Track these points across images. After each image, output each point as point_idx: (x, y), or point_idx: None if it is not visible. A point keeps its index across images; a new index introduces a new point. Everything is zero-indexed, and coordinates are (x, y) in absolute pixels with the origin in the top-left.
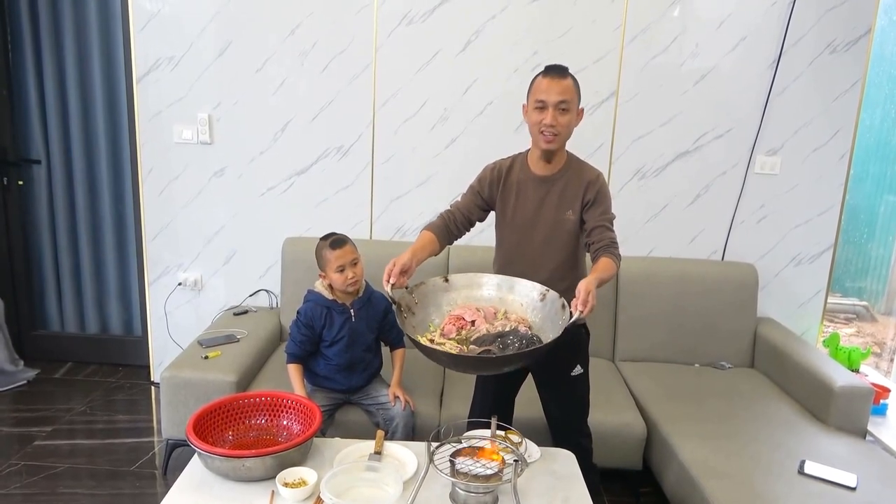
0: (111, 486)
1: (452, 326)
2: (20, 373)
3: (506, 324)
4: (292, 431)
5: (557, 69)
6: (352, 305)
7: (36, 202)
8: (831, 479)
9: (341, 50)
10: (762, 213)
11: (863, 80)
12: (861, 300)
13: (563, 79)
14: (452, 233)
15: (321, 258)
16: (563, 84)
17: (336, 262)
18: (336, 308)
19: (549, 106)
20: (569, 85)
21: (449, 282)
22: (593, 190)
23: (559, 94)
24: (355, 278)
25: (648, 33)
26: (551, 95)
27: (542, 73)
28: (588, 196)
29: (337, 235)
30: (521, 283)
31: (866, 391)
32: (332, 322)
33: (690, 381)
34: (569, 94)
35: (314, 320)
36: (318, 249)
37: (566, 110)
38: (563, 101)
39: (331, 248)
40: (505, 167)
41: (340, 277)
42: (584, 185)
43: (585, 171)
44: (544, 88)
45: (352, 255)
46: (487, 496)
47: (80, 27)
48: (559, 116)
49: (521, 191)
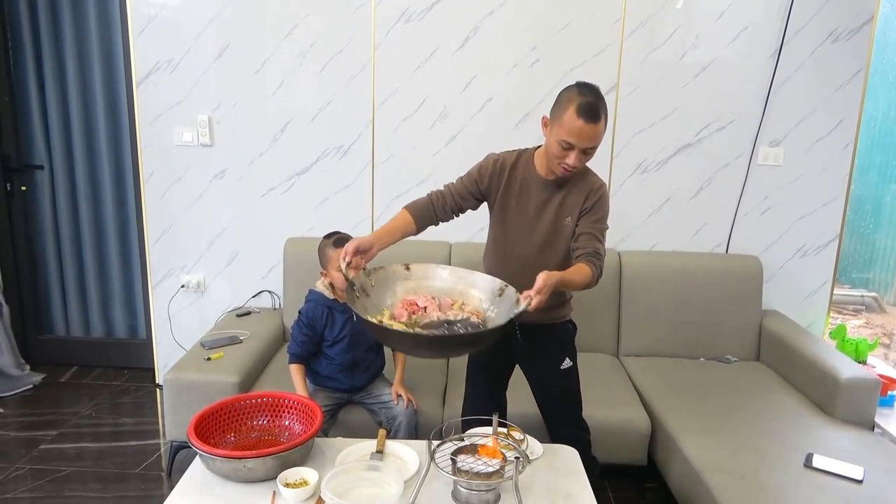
0: (117, 489)
1: (404, 310)
2: (26, 377)
3: (458, 314)
4: (294, 432)
5: (592, 111)
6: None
7: (39, 207)
8: (838, 472)
9: (339, 49)
10: (766, 204)
11: (866, 69)
12: (869, 291)
13: (597, 122)
14: (437, 216)
15: (323, 256)
16: (596, 129)
17: (337, 260)
18: (337, 308)
19: (577, 149)
20: (601, 129)
21: (409, 270)
22: (593, 198)
23: (590, 140)
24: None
25: (648, 26)
26: (582, 141)
27: (575, 107)
28: (587, 204)
29: (340, 234)
30: (481, 277)
31: (873, 383)
32: (333, 322)
33: (695, 376)
34: (598, 138)
35: (315, 320)
36: (320, 247)
37: (590, 153)
38: (592, 147)
39: (333, 247)
40: (509, 162)
41: (341, 277)
42: (586, 193)
43: (590, 180)
44: (576, 132)
45: None
46: (489, 494)
47: (80, 32)
48: (582, 157)
49: (524, 191)
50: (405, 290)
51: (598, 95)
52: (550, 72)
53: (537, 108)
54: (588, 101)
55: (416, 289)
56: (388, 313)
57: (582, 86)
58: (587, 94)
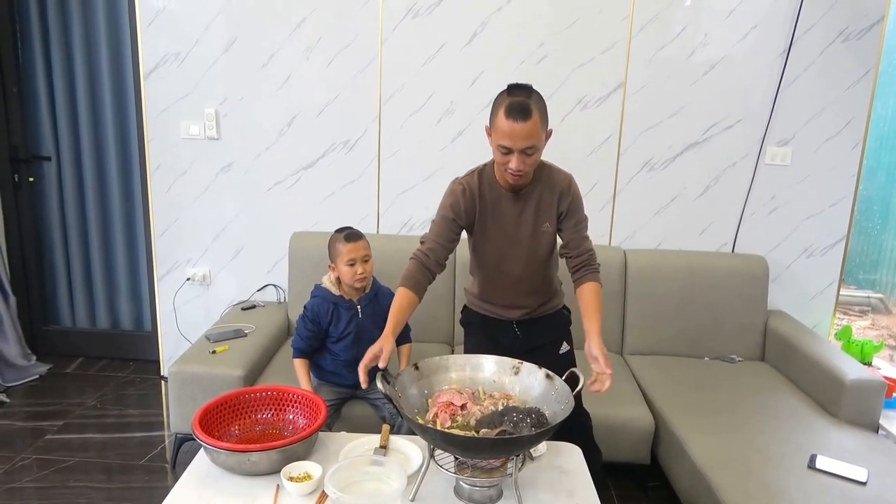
0: (121, 480)
1: (445, 414)
2: (32, 367)
3: (494, 401)
4: (297, 425)
5: (520, 110)
6: (358, 302)
7: (47, 199)
8: (841, 474)
9: (346, 44)
10: (773, 204)
11: (876, 68)
12: (876, 292)
13: (526, 120)
14: (433, 273)
15: (333, 249)
16: (527, 127)
17: (348, 255)
18: (343, 304)
19: (515, 151)
20: (534, 126)
21: (419, 369)
22: (566, 199)
23: (524, 139)
24: (364, 275)
25: (657, 23)
26: (516, 142)
27: (504, 109)
28: (562, 207)
29: (352, 229)
30: (488, 360)
31: (878, 384)
32: (338, 318)
33: (699, 375)
34: (534, 136)
35: (320, 316)
36: (331, 241)
37: (532, 153)
38: (530, 146)
39: (344, 241)
40: (475, 186)
41: (349, 271)
42: (558, 195)
43: (556, 179)
44: (509, 133)
45: (364, 250)
46: (492, 490)
47: (88, 24)
48: (526, 159)
49: (496, 210)
50: (421, 389)
51: (529, 93)
52: (558, 68)
53: None
54: (516, 100)
55: (432, 386)
56: (432, 420)
57: (512, 87)
58: (516, 94)
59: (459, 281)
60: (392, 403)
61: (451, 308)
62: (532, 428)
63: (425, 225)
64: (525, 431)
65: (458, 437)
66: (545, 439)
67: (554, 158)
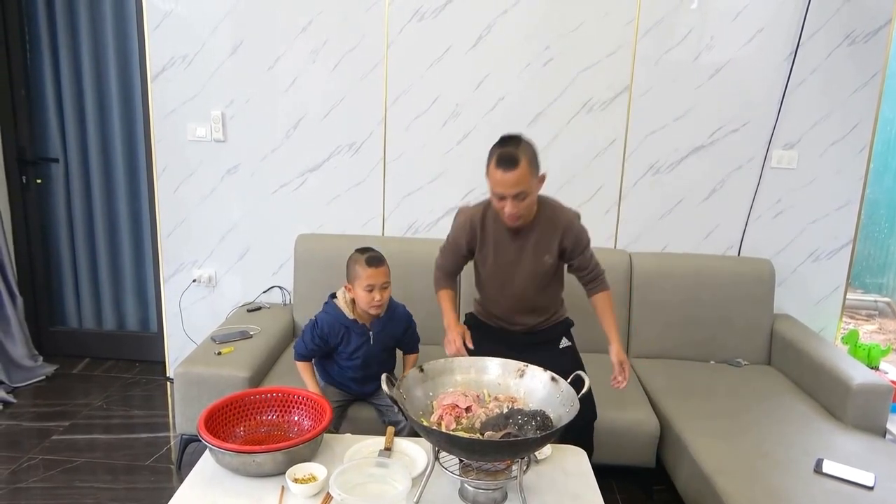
0: (127, 481)
1: (450, 416)
2: (39, 368)
3: (499, 404)
4: (303, 427)
5: (508, 160)
6: (371, 327)
7: (54, 200)
8: (848, 478)
9: (352, 47)
10: (779, 207)
11: (883, 71)
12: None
13: (514, 169)
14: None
15: (352, 270)
16: (515, 176)
17: (367, 280)
18: (355, 329)
19: (508, 197)
20: (522, 174)
21: (424, 371)
22: (570, 236)
23: (513, 186)
24: (381, 302)
25: (662, 26)
26: (507, 189)
27: (495, 159)
28: (566, 243)
29: (374, 252)
30: (493, 362)
31: (885, 389)
32: (348, 342)
33: (705, 379)
34: (523, 183)
35: (330, 336)
36: (351, 260)
37: (524, 198)
38: (520, 192)
39: (366, 265)
40: (477, 219)
41: (367, 297)
42: (560, 233)
43: (558, 217)
44: (500, 182)
45: (384, 277)
46: (497, 492)
47: (96, 27)
48: (519, 203)
49: (498, 244)
50: (426, 391)
51: (517, 144)
52: (563, 71)
53: (549, 108)
54: (504, 151)
55: (437, 388)
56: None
57: (504, 138)
58: (505, 145)
59: (464, 284)
60: (397, 406)
61: (456, 311)
62: (537, 430)
63: (430, 228)
64: (530, 434)
65: (462, 440)
66: (550, 442)
67: (560, 161)
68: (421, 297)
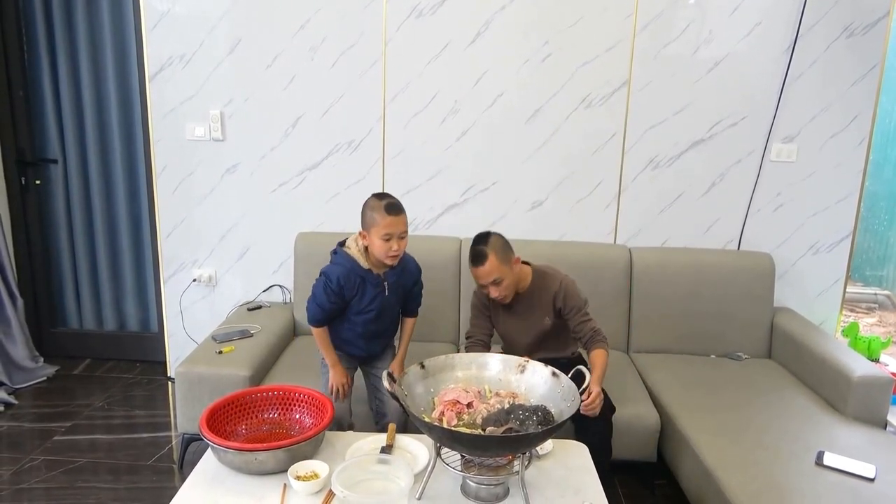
0: (129, 481)
1: (452, 412)
2: (40, 369)
3: (500, 399)
4: (304, 425)
5: (476, 257)
6: (385, 277)
7: (53, 201)
8: (849, 471)
9: (350, 45)
10: (778, 201)
11: (881, 64)
12: (882, 289)
13: (483, 265)
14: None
15: (368, 217)
16: (486, 269)
17: (385, 228)
18: (370, 279)
19: (487, 285)
20: (491, 266)
21: (425, 367)
22: (560, 298)
23: (487, 277)
24: (398, 252)
25: (661, 21)
26: (483, 280)
27: (469, 257)
28: (558, 305)
29: (393, 199)
30: (494, 358)
31: (886, 381)
32: (363, 293)
33: (706, 373)
34: (495, 272)
35: (346, 289)
36: (368, 207)
37: (500, 283)
38: (494, 280)
39: (385, 212)
40: (483, 296)
41: (384, 246)
42: (552, 297)
43: (549, 283)
44: (475, 275)
45: (404, 226)
46: (498, 488)
47: (93, 27)
48: (499, 288)
49: (502, 313)
50: (427, 387)
51: (485, 241)
52: (562, 67)
53: (548, 104)
54: (474, 250)
55: (438, 384)
56: (437, 418)
57: (476, 237)
58: (475, 244)
59: (465, 281)
60: (398, 402)
61: (457, 308)
62: (538, 426)
63: (430, 225)
64: (531, 429)
65: (464, 435)
66: (551, 437)
67: (559, 156)
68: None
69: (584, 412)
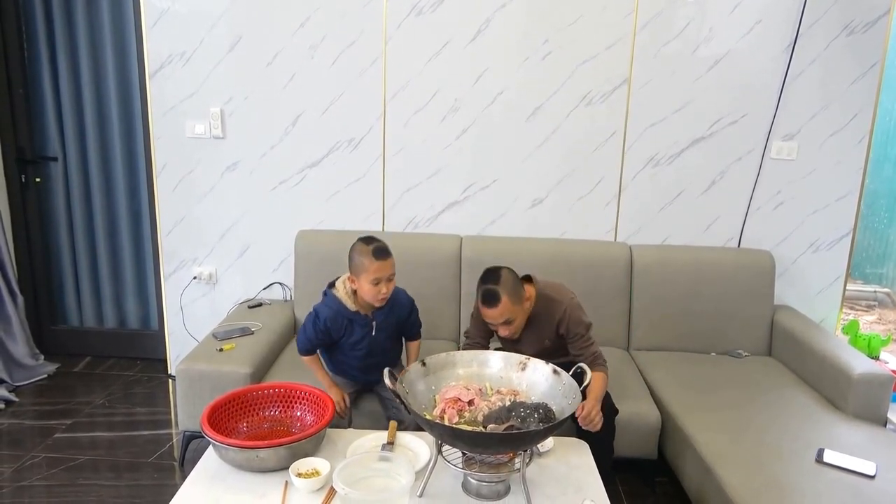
0: (130, 478)
1: (453, 409)
2: (40, 367)
3: (501, 397)
4: (305, 422)
5: (490, 298)
6: (374, 317)
7: (54, 199)
8: (849, 468)
9: (351, 42)
10: (779, 199)
11: (882, 62)
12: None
13: (496, 306)
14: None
15: (357, 263)
16: (498, 311)
17: (374, 273)
18: (358, 321)
19: (497, 324)
20: (504, 307)
21: (426, 365)
22: (564, 323)
23: (499, 317)
24: (387, 295)
25: (661, 19)
26: (495, 321)
27: (481, 297)
28: (561, 330)
29: (380, 243)
30: (495, 356)
31: (886, 378)
32: (351, 332)
33: (706, 370)
34: (507, 313)
35: (333, 330)
36: (355, 251)
37: (511, 323)
38: (507, 320)
39: (373, 258)
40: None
41: (373, 290)
42: (556, 322)
43: (553, 309)
44: (488, 315)
45: (391, 269)
46: (500, 485)
47: (93, 25)
48: (509, 326)
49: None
50: (429, 385)
51: (496, 280)
52: (562, 65)
53: (548, 102)
54: (486, 289)
55: (439, 381)
56: (439, 416)
57: (486, 273)
58: (486, 281)
59: (465, 279)
60: (399, 399)
61: (457, 305)
62: (539, 423)
63: (430, 222)
64: (532, 426)
65: (465, 433)
66: (552, 434)
67: (559, 154)
68: (422, 291)
69: (583, 426)
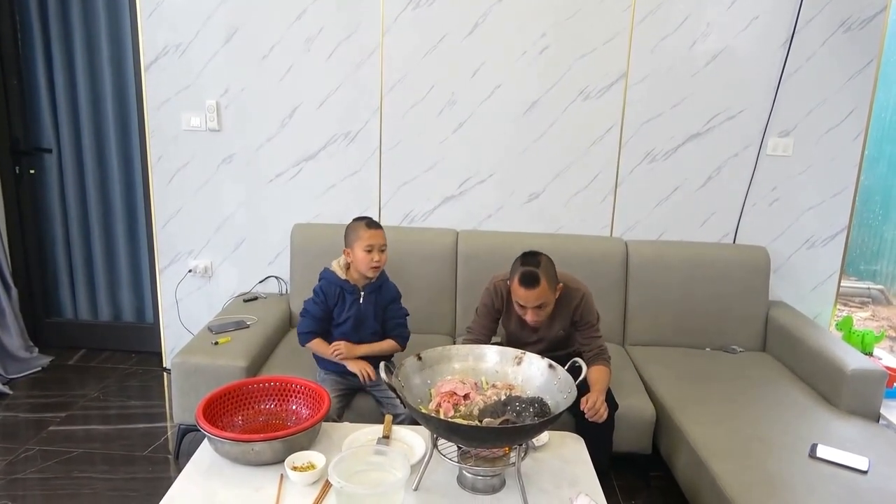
0: (124, 471)
1: (448, 403)
2: (35, 360)
3: (497, 391)
4: (301, 416)
5: (530, 279)
6: (363, 289)
7: (48, 191)
8: (843, 463)
9: (348, 35)
10: (774, 195)
11: (878, 58)
12: (876, 283)
13: (535, 288)
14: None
15: (352, 234)
16: (536, 293)
17: (367, 240)
18: (348, 289)
19: (529, 308)
20: (542, 291)
21: (422, 359)
22: (580, 311)
23: (535, 301)
24: (378, 264)
25: (658, 14)
26: (529, 303)
27: (518, 276)
28: (576, 318)
29: (372, 219)
30: (491, 350)
31: (879, 374)
32: (342, 301)
33: (701, 365)
34: (543, 297)
35: (328, 297)
36: (350, 227)
37: (543, 308)
38: (541, 304)
39: (366, 227)
40: (505, 291)
41: (366, 258)
42: (573, 309)
43: (572, 296)
44: (523, 297)
45: (383, 239)
46: (495, 479)
47: (88, 16)
48: (540, 312)
49: (517, 319)
50: (424, 379)
51: (536, 263)
52: (559, 59)
53: (546, 96)
54: (526, 270)
55: (434, 375)
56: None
57: (525, 255)
58: (527, 264)
59: (462, 273)
60: (395, 393)
61: (453, 300)
62: (535, 417)
63: (427, 216)
64: (528, 421)
65: (461, 427)
66: (548, 428)
67: (556, 149)
68: (418, 284)
69: (589, 418)
